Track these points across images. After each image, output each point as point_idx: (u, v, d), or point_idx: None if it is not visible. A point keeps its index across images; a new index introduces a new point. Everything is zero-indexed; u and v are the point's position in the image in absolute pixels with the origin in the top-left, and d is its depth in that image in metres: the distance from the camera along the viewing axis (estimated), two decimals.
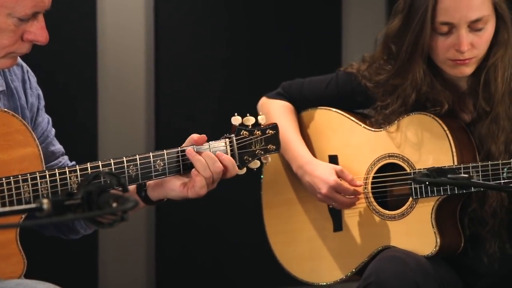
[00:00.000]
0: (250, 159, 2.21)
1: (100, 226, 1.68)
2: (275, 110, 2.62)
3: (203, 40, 3.75)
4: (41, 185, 1.98)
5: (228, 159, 2.14)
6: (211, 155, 2.12)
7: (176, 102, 3.74)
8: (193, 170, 2.12)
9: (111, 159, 2.06)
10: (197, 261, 3.79)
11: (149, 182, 2.15)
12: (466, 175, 2.23)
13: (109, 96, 3.67)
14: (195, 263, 3.80)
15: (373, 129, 2.51)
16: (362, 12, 3.84)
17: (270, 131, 2.22)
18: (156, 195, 2.16)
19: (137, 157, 2.08)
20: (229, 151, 2.18)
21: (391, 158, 2.47)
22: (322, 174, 2.48)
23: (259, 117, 2.22)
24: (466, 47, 2.32)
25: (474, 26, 2.33)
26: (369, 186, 2.49)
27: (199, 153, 2.12)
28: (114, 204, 1.62)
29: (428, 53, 2.39)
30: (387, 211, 2.47)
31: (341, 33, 3.84)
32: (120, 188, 1.75)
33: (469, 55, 2.34)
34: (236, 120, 2.20)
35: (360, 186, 2.49)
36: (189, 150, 2.12)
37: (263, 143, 2.22)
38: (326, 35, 3.84)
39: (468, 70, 2.38)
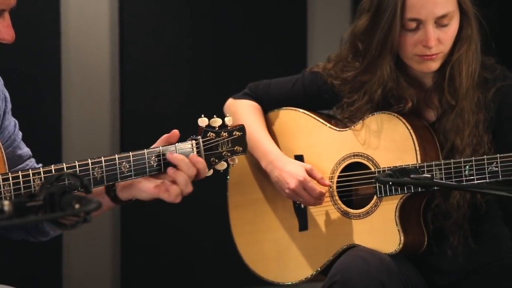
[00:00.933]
0: (216, 160, 2.21)
1: (63, 227, 1.67)
2: (242, 110, 2.63)
3: (168, 40, 3.75)
4: (3, 187, 1.96)
5: (201, 162, 2.14)
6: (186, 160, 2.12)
7: (142, 103, 3.74)
8: (167, 180, 2.11)
9: (76, 161, 2.05)
10: (164, 262, 3.79)
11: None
12: (429, 175, 2.27)
13: (73, 98, 3.65)
14: (161, 264, 3.79)
15: (338, 129, 2.54)
16: (327, 12, 3.86)
17: (237, 133, 2.23)
18: (125, 195, 2.15)
19: (102, 159, 2.08)
20: (195, 152, 2.18)
21: (356, 157, 2.50)
22: (291, 170, 2.49)
23: (226, 119, 2.23)
24: (433, 42, 2.36)
25: (440, 22, 2.37)
26: (335, 185, 2.51)
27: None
28: (77, 206, 1.61)
29: (396, 50, 2.43)
30: (352, 210, 2.49)
31: (307, 33, 3.85)
32: (83, 190, 1.74)
33: (435, 51, 2.38)
34: (202, 121, 2.20)
35: (330, 185, 2.51)
36: (169, 155, 2.10)
37: (230, 145, 2.22)
38: (292, 35, 3.85)
39: (435, 65, 2.41)
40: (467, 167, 2.31)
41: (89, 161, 2.06)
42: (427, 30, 2.36)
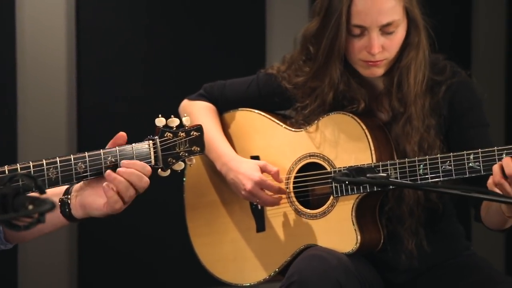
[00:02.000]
0: (174, 161, 2.20)
1: (16, 229, 1.65)
2: (197, 111, 2.63)
3: (125, 39, 3.73)
4: None
5: (138, 164, 2.11)
6: (131, 172, 2.09)
7: (99, 103, 3.71)
8: (103, 186, 2.08)
9: (30, 162, 2.03)
10: (122, 261, 3.76)
11: (73, 201, 2.11)
12: (385, 174, 2.30)
13: (29, 98, 3.61)
14: (119, 263, 3.76)
15: (293, 129, 2.55)
16: (286, 11, 3.88)
17: (195, 133, 2.22)
18: (81, 215, 2.13)
19: (57, 159, 2.05)
20: (152, 153, 2.17)
21: (312, 157, 2.51)
22: (246, 171, 2.50)
23: (183, 119, 2.22)
24: (377, 49, 2.37)
25: (385, 29, 2.38)
26: (291, 185, 2.52)
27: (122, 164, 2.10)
28: (30, 207, 1.59)
29: (343, 54, 2.44)
30: (309, 210, 2.50)
31: (265, 33, 3.86)
32: (37, 191, 1.72)
33: (380, 57, 2.40)
34: (160, 121, 2.19)
35: (282, 181, 2.51)
36: (108, 174, 2.07)
37: (187, 145, 2.21)
38: (250, 35, 3.86)
39: (379, 71, 2.44)
40: (421, 166, 2.34)
41: (44, 161, 2.03)
42: (371, 38, 2.37)
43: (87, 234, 3.71)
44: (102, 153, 2.11)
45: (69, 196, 2.12)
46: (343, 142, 2.46)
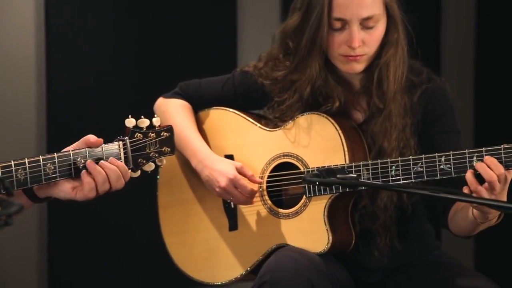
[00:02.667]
0: (144, 161, 2.20)
1: None
2: (172, 109, 2.62)
3: (96, 39, 3.70)
4: None
5: (122, 166, 2.12)
6: (114, 169, 2.10)
7: (68, 103, 3.69)
8: (82, 172, 2.09)
9: None
10: (93, 260, 3.75)
11: None
12: (355, 175, 2.30)
13: None
14: (90, 261, 3.75)
15: (268, 129, 2.55)
16: (257, 11, 3.87)
17: (165, 133, 2.22)
18: (43, 194, 2.13)
19: (26, 160, 2.05)
20: (122, 153, 2.16)
21: (285, 157, 2.51)
22: (222, 168, 2.50)
23: (153, 119, 2.22)
24: (357, 43, 2.38)
25: (365, 23, 2.39)
26: (264, 185, 2.53)
27: (96, 161, 2.10)
28: None
29: (325, 49, 2.44)
30: (282, 209, 2.51)
31: (237, 32, 3.85)
32: (4, 192, 1.72)
33: (360, 52, 2.41)
34: (130, 122, 2.19)
35: (261, 182, 2.52)
36: (89, 163, 2.09)
37: (157, 146, 2.21)
38: (222, 34, 3.85)
39: (359, 67, 2.44)
40: (394, 167, 2.35)
41: (12, 162, 2.03)
42: (352, 31, 2.38)
43: (58, 229, 3.70)
44: (71, 154, 2.11)
45: None
46: (317, 143, 2.46)
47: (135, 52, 3.74)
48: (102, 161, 2.11)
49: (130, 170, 2.18)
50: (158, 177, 2.67)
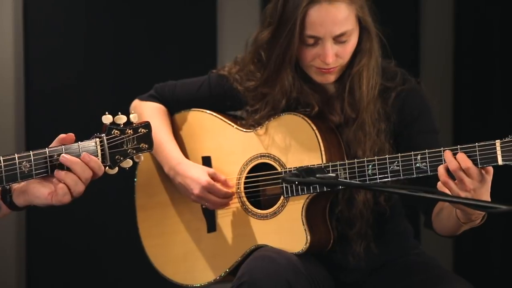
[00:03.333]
0: (122, 158, 2.19)
1: None
2: (147, 112, 2.62)
3: (74, 38, 3.70)
4: None
5: (94, 161, 2.11)
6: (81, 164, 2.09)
7: (46, 101, 3.67)
8: (54, 180, 2.08)
9: None
10: (71, 262, 3.72)
11: (15, 187, 2.10)
12: (334, 175, 2.31)
13: None
14: (68, 263, 3.72)
15: (245, 130, 2.55)
16: (237, 11, 3.88)
17: (143, 130, 2.21)
18: (22, 202, 2.11)
19: (1, 158, 2.02)
20: (99, 150, 2.15)
21: (263, 158, 2.52)
22: (194, 175, 2.50)
23: (131, 116, 2.21)
24: (331, 59, 2.39)
25: (338, 39, 2.40)
26: (242, 186, 2.53)
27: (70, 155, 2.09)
28: None
29: (295, 61, 2.45)
30: (260, 210, 2.51)
31: (216, 32, 3.86)
32: None
33: (333, 65, 2.42)
34: (107, 119, 2.18)
35: (233, 187, 2.52)
36: (62, 157, 2.07)
37: (135, 142, 2.20)
38: (201, 35, 3.85)
39: (333, 77, 2.46)
40: (370, 166, 2.36)
41: None
42: (325, 48, 2.39)
43: (35, 230, 3.67)
44: (47, 152, 2.09)
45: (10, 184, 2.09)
46: (294, 143, 2.47)
47: (113, 51, 3.73)
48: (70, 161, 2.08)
49: (107, 167, 2.17)
50: (135, 179, 2.66)
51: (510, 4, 3.87)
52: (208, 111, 2.61)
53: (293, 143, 2.47)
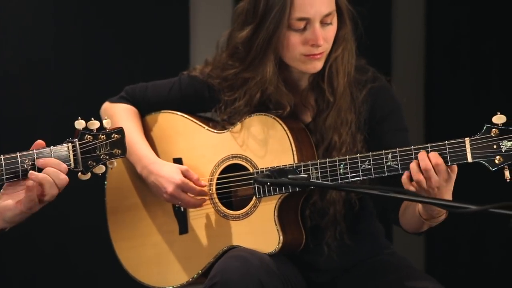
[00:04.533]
0: (94, 164, 2.18)
1: None
2: (118, 114, 2.61)
3: (43, 40, 3.66)
4: None
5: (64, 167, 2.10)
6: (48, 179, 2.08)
7: (17, 105, 3.63)
8: (20, 187, 2.07)
9: None
10: (42, 264, 3.69)
11: None
12: (306, 175, 2.33)
13: None
14: (40, 267, 3.69)
15: (216, 131, 2.56)
16: (210, 13, 3.88)
17: (116, 135, 2.21)
18: (1, 223, 2.10)
19: None
20: (72, 155, 2.15)
21: (234, 159, 2.52)
22: (167, 174, 2.49)
23: (104, 121, 2.20)
24: (321, 41, 2.41)
25: (324, 20, 2.42)
26: (214, 187, 2.53)
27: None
28: None
29: (279, 53, 2.45)
30: (232, 211, 2.51)
31: (189, 34, 3.85)
32: None
33: (322, 49, 2.43)
34: (79, 124, 2.17)
35: (205, 186, 2.52)
36: (31, 174, 2.07)
37: (108, 148, 2.20)
38: (173, 36, 3.84)
39: (319, 64, 2.46)
40: (342, 165, 2.38)
41: None
42: (315, 29, 2.40)
43: (5, 234, 3.63)
44: (18, 156, 2.08)
45: None
46: (265, 144, 2.48)
47: (83, 52, 3.70)
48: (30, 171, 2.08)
49: (79, 173, 2.16)
50: (105, 182, 2.64)
51: (480, 3, 3.93)
52: (179, 113, 2.61)
53: (264, 143, 2.48)
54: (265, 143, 2.48)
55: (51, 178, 2.08)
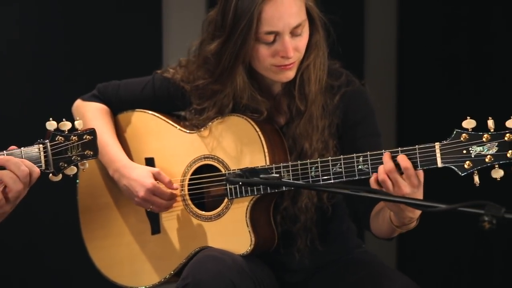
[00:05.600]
0: (66, 165, 2.18)
1: None
2: (90, 113, 2.60)
3: (18, 38, 3.63)
4: None
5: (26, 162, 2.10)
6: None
7: None
8: None
9: None
10: (18, 266, 3.68)
11: None
12: (277, 175, 2.34)
13: None
14: (16, 269, 3.68)
15: (188, 131, 2.55)
16: (183, 12, 3.86)
17: (88, 137, 2.21)
18: None
19: None
20: (43, 157, 2.14)
21: (206, 159, 2.52)
22: (139, 177, 2.49)
23: (76, 122, 2.20)
24: (292, 53, 2.40)
25: (295, 31, 2.41)
26: (186, 188, 2.53)
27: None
28: None
29: (248, 62, 2.45)
30: (204, 212, 2.52)
31: (162, 32, 3.84)
32: None
33: (293, 60, 2.42)
34: (51, 125, 2.17)
35: (177, 188, 2.52)
36: None
37: (80, 149, 2.20)
38: (146, 34, 3.82)
39: (292, 73, 2.46)
40: (313, 168, 2.39)
41: None
42: (285, 41, 2.39)
43: None
44: None
45: None
46: (237, 145, 2.48)
47: (55, 51, 3.68)
48: None
49: (51, 174, 2.16)
50: (77, 181, 2.64)
51: (454, 5, 3.95)
52: (151, 112, 2.60)
53: (237, 144, 2.48)
54: (238, 144, 2.48)
55: (12, 171, 2.06)
